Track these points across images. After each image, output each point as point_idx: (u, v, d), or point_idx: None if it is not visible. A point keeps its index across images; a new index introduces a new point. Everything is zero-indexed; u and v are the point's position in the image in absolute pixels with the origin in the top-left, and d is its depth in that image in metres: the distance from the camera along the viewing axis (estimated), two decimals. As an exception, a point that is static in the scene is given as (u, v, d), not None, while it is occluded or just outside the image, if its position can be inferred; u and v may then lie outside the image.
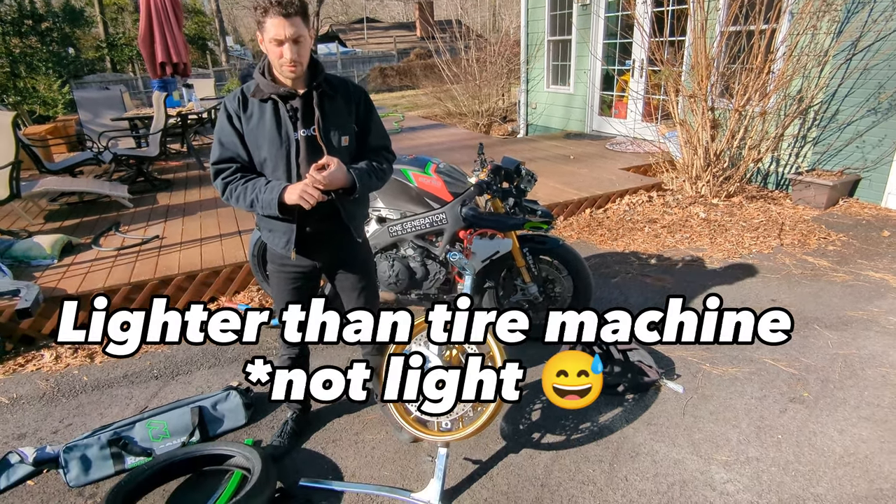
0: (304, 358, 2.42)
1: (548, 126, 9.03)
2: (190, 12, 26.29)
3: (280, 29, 1.72)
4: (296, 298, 2.19)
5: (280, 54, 1.77)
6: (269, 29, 1.74)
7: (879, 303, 3.41)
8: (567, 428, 2.47)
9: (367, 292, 2.27)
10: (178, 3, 7.83)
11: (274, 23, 1.73)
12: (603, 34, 7.57)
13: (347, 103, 1.98)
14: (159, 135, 6.22)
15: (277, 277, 2.18)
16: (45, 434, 2.60)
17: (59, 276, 3.67)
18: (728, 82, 5.23)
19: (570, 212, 5.13)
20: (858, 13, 4.81)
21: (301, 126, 1.89)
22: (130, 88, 16.23)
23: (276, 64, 1.81)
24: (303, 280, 2.17)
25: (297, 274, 2.15)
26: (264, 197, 1.86)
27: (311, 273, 2.18)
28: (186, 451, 2.28)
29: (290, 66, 1.78)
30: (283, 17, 1.72)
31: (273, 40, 1.75)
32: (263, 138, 1.89)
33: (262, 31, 1.78)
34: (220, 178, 1.93)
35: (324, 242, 2.09)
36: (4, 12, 12.66)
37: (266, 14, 1.73)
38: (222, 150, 1.92)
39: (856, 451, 2.24)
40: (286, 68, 1.79)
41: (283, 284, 2.17)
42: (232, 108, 1.89)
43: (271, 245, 2.10)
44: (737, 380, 2.74)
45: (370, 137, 2.08)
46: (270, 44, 1.77)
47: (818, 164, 5.42)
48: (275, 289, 2.22)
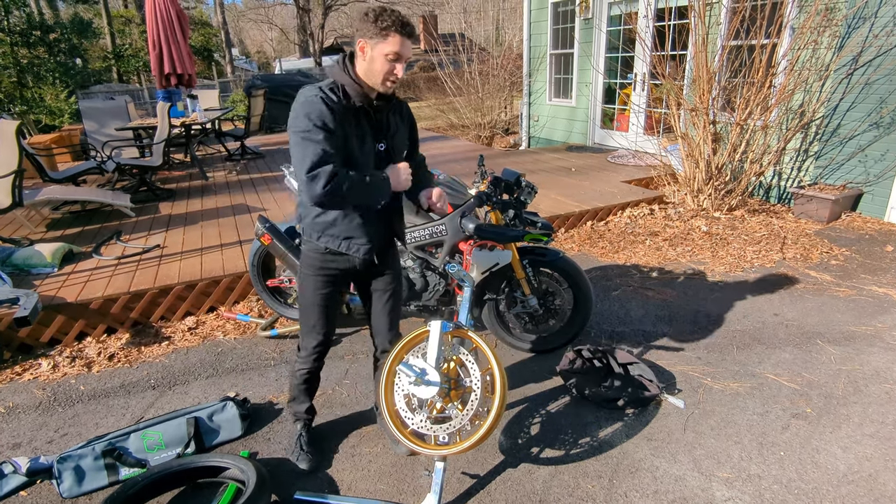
0: (320, 370, 2.38)
1: (550, 138, 9.06)
2: (196, 24, 26.61)
3: (403, 48, 1.83)
4: (326, 303, 2.20)
5: (392, 69, 1.85)
6: (391, 45, 1.81)
7: (883, 318, 3.38)
8: (566, 442, 2.44)
9: (396, 294, 2.32)
10: (184, 15, 7.91)
11: (398, 41, 1.81)
12: (605, 48, 7.62)
13: (403, 119, 2.12)
14: (163, 145, 6.25)
15: (313, 283, 2.15)
16: (40, 444, 2.58)
17: (58, 284, 3.67)
18: (729, 96, 5.24)
19: (572, 224, 5.12)
20: (859, 28, 4.83)
21: (377, 137, 1.99)
22: (136, 99, 16.39)
23: (380, 76, 1.86)
24: (337, 285, 2.20)
25: (333, 279, 2.16)
26: (374, 180, 1.91)
27: (343, 278, 2.20)
28: (181, 462, 2.26)
29: (394, 81, 1.88)
30: (407, 37, 1.83)
31: (392, 54, 1.82)
32: (353, 146, 1.93)
33: (378, 44, 1.82)
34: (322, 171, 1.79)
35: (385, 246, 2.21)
36: (14, 23, 12.81)
37: (390, 30, 1.80)
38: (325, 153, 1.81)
39: (860, 469, 2.20)
40: (389, 83, 1.88)
41: (316, 289, 2.16)
42: (322, 110, 1.81)
43: (344, 250, 2.06)
44: (738, 395, 2.71)
45: (415, 152, 2.27)
46: (386, 57, 1.82)
47: (820, 178, 5.41)
48: (306, 295, 2.18)
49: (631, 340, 3.26)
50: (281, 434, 2.58)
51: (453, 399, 2.12)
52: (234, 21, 37.90)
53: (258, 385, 2.99)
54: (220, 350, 3.37)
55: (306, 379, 2.34)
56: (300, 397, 2.40)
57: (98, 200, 5.27)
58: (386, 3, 35.42)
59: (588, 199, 5.39)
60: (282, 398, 2.86)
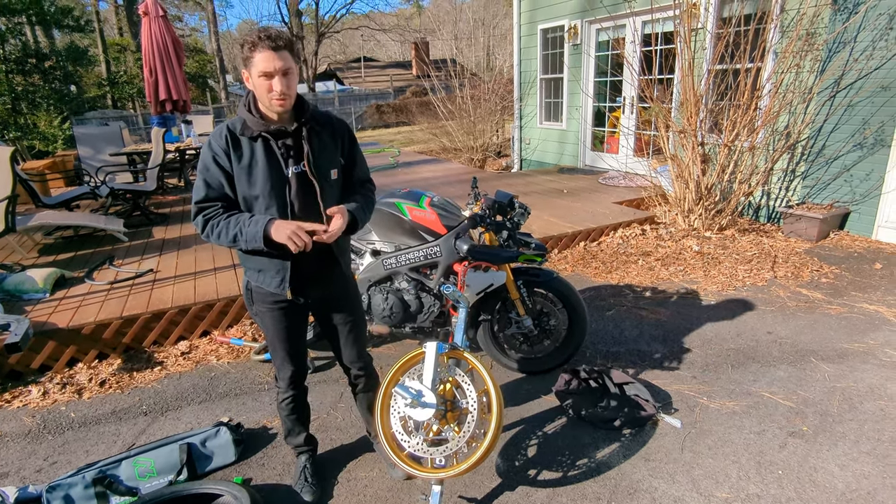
0: (304, 395, 2.34)
1: (542, 161, 9.17)
2: (191, 51, 26.93)
3: (269, 62, 1.72)
4: (289, 336, 2.14)
5: (270, 87, 1.75)
6: (259, 63, 1.74)
7: (875, 335, 3.41)
8: (564, 464, 2.42)
9: (357, 325, 2.24)
10: (179, 43, 8.03)
11: (263, 56, 1.73)
12: (594, 72, 7.78)
13: (333, 137, 1.99)
14: (157, 169, 6.28)
15: (269, 318, 2.10)
16: (29, 473, 2.53)
17: (50, 309, 3.64)
18: (717, 118, 5.35)
19: (565, 245, 5.16)
20: (840, 52, 4.97)
21: (292, 163, 1.88)
22: (130, 125, 16.45)
23: (265, 98, 1.79)
24: (294, 317, 2.13)
25: (287, 311, 2.09)
26: (248, 230, 1.82)
27: (301, 309, 2.14)
28: (173, 490, 2.22)
29: (279, 98, 1.77)
30: (273, 50, 1.72)
31: (262, 73, 1.74)
32: (256, 176, 1.85)
33: (250, 67, 1.77)
34: (200, 216, 1.87)
35: (315, 278, 2.07)
36: (9, 51, 12.92)
37: (254, 48, 1.74)
38: (209, 190, 1.87)
39: (858, 488, 2.20)
40: (276, 102, 1.77)
41: (275, 324, 2.11)
42: (219, 146, 1.84)
43: (261, 285, 2.03)
44: (735, 414, 2.70)
45: (356, 170, 2.10)
46: (259, 78, 1.76)
47: (808, 197, 5.50)
48: (267, 330, 2.14)
49: (626, 360, 3.26)
50: (275, 459, 2.55)
51: (450, 421, 2.11)
52: (229, 48, 38.37)
53: (252, 410, 2.96)
54: (213, 375, 3.33)
55: (293, 407, 2.29)
56: (294, 428, 2.35)
57: (91, 225, 5.26)
58: (377, 30, 35.49)
59: (580, 221, 5.44)
60: (276, 423, 2.83)
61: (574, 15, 7.70)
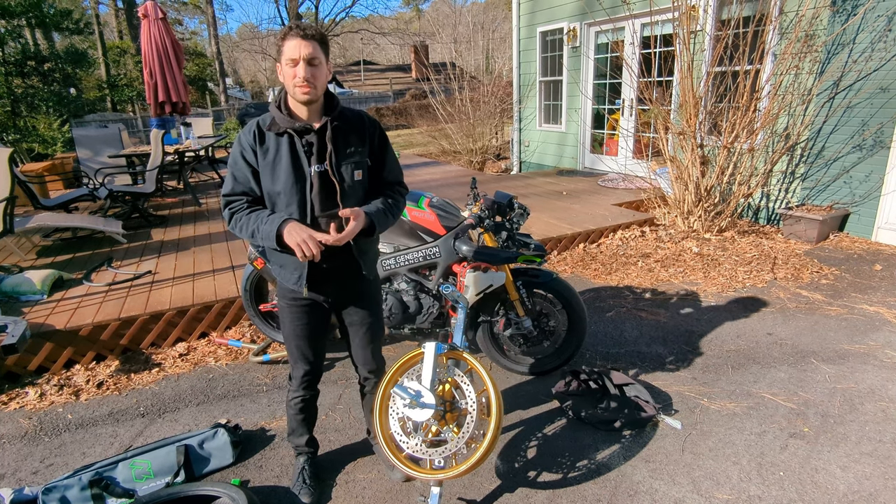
0: (315, 398, 2.33)
1: (541, 163, 9.17)
2: (191, 54, 26.95)
3: (296, 49, 1.75)
4: (303, 334, 2.13)
5: (294, 74, 1.77)
6: (287, 50, 1.76)
7: (875, 336, 3.40)
8: (563, 465, 2.41)
9: (374, 328, 2.22)
10: (179, 46, 8.03)
11: (291, 44, 1.75)
12: (593, 75, 7.79)
13: (361, 137, 1.96)
14: (156, 171, 6.27)
15: (287, 313, 2.11)
16: (25, 475, 2.51)
17: (48, 311, 3.62)
18: (716, 120, 5.35)
19: (564, 246, 5.15)
20: (839, 54, 4.98)
21: (315, 161, 1.87)
22: (130, 127, 16.46)
23: (290, 86, 1.80)
24: (311, 317, 2.12)
25: (307, 309, 2.10)
26: (264, 228, 1.84)
27: (321, 310, 2.13)
28: (170, 491, 2.20)
29: (303, 85, 1.77)
30: (301, 38, 1.75)
31: (289, 60, 1.76)
32: (279, 172, 1.86)
33: (280, 57, 1.79)
34: (227, 209, 1.93)
35: (335, 278, 2.06)
36: (8, 54, 12.93)
37: (285, 38, 1.77)
38: (235, 183, 1.92)
39: (860, 489, 2.19)
40: (299, 89, 1.78)
41: (293, 320, 2.11)
42: (247, 141, 1.87)
43: (281, 280, 2.06)
44: (735, 415, 2.69)
45: (384, 172, 2.07)
46: (287, 65, 1.78)
47: (807, 199, 5.49)
48: (284, 326, 2.15)
49: (626, 361, 3.25)
50: (273, 461, 2.53)
51: (449, 422, 2.09)
52: (229, 51, 38.46)
53: (250, 411, 2.94)
54: (211, 376, 3.32)
55: (301, 408, 2.28)
56: (298, 429, 2.34)
57: (89, 227, 5.25)
58: (376, 33, 35.51)
59: (580, 222, 5.44)
60: (274, 424, 2.81)
61: (573, 17, 7.71)
